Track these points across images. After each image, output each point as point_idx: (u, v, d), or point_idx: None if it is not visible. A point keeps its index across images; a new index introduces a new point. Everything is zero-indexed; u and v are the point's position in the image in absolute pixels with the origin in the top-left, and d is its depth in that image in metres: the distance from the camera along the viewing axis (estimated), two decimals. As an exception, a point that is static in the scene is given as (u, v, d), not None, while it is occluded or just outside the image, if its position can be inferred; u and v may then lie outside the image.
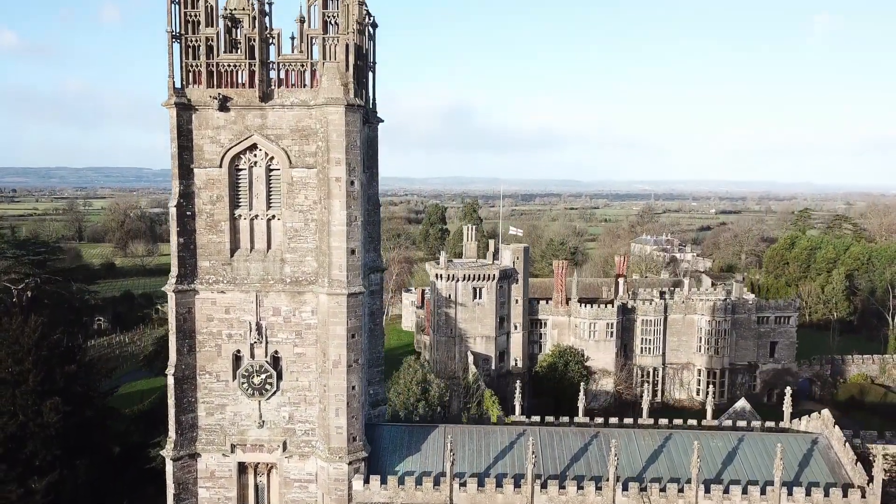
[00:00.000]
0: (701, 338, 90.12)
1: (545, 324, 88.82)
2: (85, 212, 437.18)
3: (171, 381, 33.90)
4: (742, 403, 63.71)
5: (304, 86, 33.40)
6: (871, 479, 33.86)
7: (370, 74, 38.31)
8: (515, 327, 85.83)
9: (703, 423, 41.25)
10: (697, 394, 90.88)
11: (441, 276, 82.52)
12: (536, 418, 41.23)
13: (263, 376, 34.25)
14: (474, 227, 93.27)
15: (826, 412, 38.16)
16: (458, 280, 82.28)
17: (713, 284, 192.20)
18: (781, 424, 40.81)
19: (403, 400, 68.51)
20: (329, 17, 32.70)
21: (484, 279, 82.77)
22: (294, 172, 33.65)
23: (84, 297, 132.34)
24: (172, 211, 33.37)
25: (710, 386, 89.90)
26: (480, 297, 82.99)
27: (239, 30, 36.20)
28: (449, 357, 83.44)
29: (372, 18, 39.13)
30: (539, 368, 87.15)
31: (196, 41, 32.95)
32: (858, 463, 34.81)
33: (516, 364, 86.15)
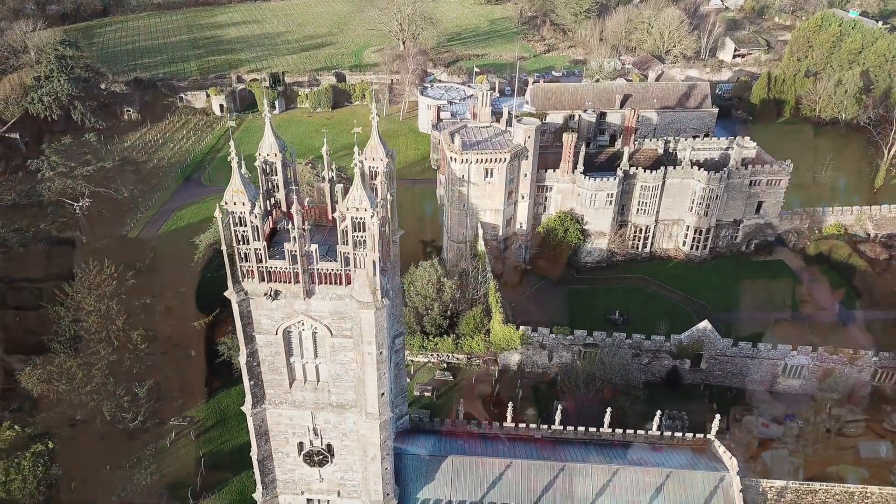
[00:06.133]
0: (694, 200, 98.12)
1: (550, 188, 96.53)
2: None
3: (255, 461, 46.92)
4: (704, 324, 75.76)
5: (340, 283, 40.09)
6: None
7: (389, 195, 43.76)
8: (523, 197, 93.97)
9: (650, 433, 54.81)
10: (683, 245, 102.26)
11: (456, 159, 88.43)
12: (523, 425, 55.08)
13: (320, 457, 47.05)
14: (490, 93, 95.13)
15: (734, 461, 51.13)
16: (471, 163, 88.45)
17: (736, 49, 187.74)
18: (709, 437, 54.54)
19: (421, 300, 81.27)
20: (358, 238, 38.08)
21: (495, 161, 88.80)
22: (335, 340, 42.19)
23: (110, 88, 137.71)
24: (244, 366, 42.87)
25: (695, 241, 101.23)
26: (491, 177, 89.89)
27: (272, 170, 41.52)
28: (461, 226, 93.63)
29: (392, 153, 43.24)
30: (541, 229, 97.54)
31: (247, 251, 38.94)
32: (746, 506, 49.13)
33: (521, 227, 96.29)
